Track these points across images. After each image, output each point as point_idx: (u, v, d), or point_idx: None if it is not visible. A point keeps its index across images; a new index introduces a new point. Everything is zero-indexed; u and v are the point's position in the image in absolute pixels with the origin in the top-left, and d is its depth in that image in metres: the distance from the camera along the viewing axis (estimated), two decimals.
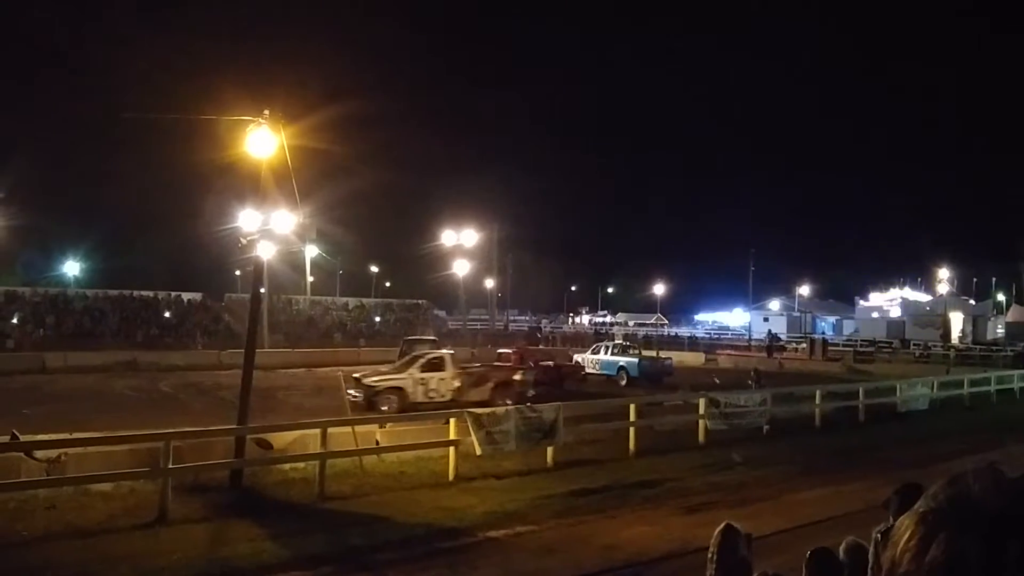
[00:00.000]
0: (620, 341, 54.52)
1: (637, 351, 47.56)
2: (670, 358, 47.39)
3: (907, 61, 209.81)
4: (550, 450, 19.61)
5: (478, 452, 18.43)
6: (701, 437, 23.12)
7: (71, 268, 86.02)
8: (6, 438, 15.97)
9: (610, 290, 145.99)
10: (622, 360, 44.01)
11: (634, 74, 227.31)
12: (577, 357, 46.69)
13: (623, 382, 42.20)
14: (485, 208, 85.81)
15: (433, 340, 45.99)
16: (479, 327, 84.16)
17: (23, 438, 16.03)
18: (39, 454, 15.39)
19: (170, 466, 14.69)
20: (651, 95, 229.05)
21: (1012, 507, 0.98)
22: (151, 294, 65.76)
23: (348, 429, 18.62)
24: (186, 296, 68.26)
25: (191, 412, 26.76)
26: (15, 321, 55.29)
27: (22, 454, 15.32)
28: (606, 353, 45.62)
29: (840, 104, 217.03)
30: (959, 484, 1.04)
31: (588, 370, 43.89)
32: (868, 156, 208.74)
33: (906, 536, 1.02)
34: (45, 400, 29.17)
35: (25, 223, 61.45)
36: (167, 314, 63.56)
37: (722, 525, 7.55)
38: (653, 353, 50.93)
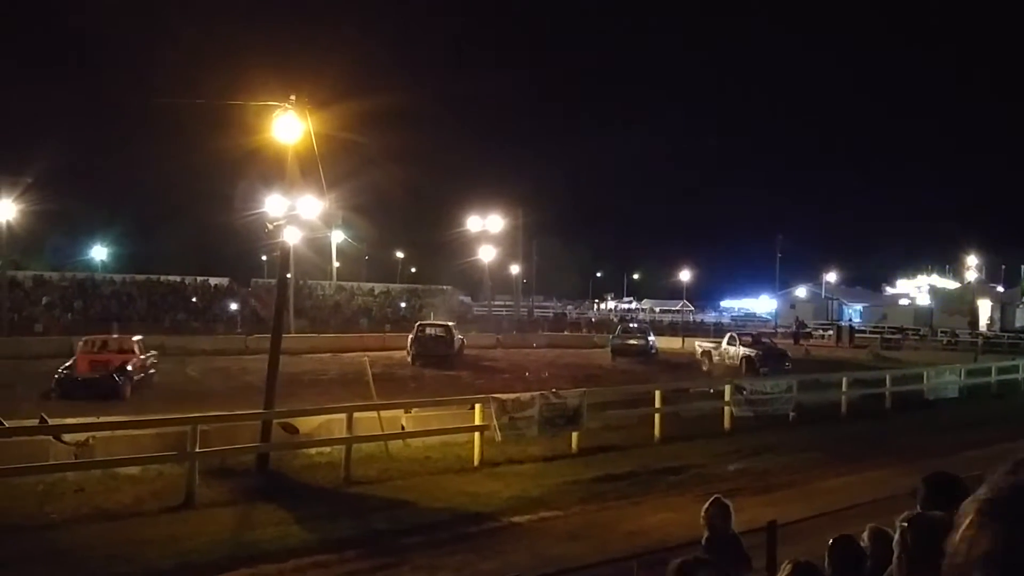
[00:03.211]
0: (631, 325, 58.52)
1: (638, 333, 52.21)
2: (644, 339, 50.44)
3: (941, 43, 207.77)
4: (575, 436, 19.62)
5: (498, 439, 18.44)
6: (727, 424, 23.08)
7: (98, 253, 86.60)
8: (35, 422, 16.16)
9: (636, 276, 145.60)
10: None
11: (661, 59, 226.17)
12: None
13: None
14: (511, 194, 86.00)
15: (447, 325, 46.18)
16: (504, 313, 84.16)
17: (51, 422, 16.20)
18: (67, 437, 15.55)
19: (197, 450, 14.81)
20: (678, 81, 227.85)
21: None
22: (178, 279, 66.25)
23: (374, 414, 18.70)
24: (213, 281, 68.66)
25: (218, 396, 26.90)
26: (43, 305, 55.76)
27: (51, 437, 15.48)
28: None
29: (871, 88, 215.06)
30: (1020, 472, 1.02)
31: None
32: (896, 141, 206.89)
33: (965, 523, 1.00)
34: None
35: (53, 208, 61.75)
36: (194, 299, 63.96)
37: (712, 498, 7.66)
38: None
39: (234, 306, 63.11)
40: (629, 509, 14.86)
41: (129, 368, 28.22)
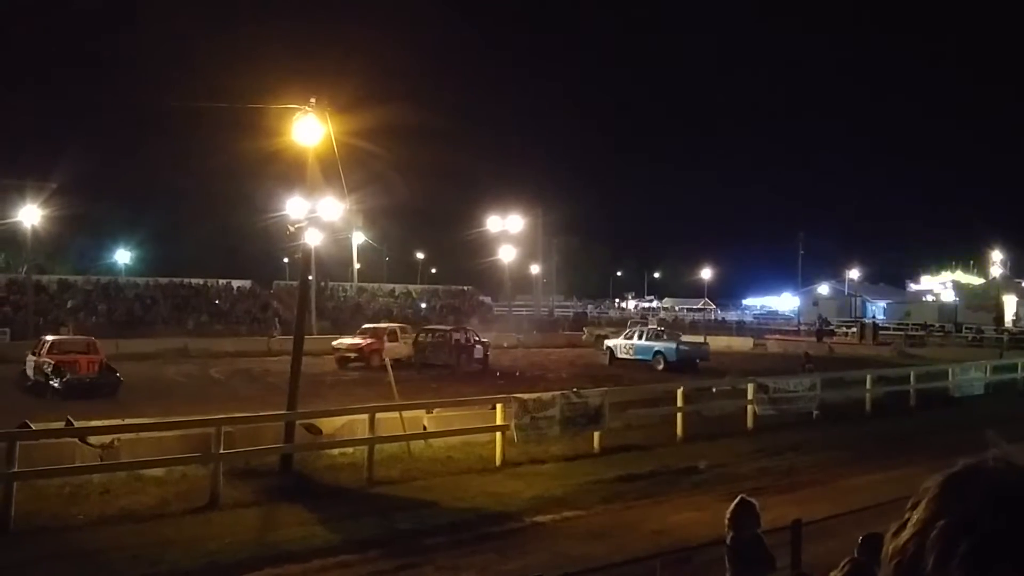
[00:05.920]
0: (653, 326, 53.68)
1: (676, 336, 46.99)
2: (706, 343, 47.50)
3: (961, 39, 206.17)
4: (597, 435, 19.60)
5: (516, 440, 18.40)
6: (750, 422, 23.01)
7: (122, 256, 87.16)
8: (61, 424, 16.26)
9: (656, 275, 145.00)
10: (658, 345, 43.15)
11: (679, 56, 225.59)
12: (609, 342, 46.78)
13: (660, 367, 41.16)
14: (531, 193, 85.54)
15: (444, 329, 45.55)
16: (524, 313, 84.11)
17: (77, 424, 16.31)
18: (93, 440, 15.63)
19: (221, 451, 14.88)
20: (696, 77, 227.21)
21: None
22: (201, 281, 66.47)
23: (396, 414, 18.74)
24: (235, 283, 68.92)
25: (241, 398, 27.02)
26: (68, 309, 56.13)
27: (77, 440, 15.58)
28: (640, 338, 44.80)
29: (892, 85, 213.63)
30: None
31: (621, 355, 43.86)
32: (919, 137, 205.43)
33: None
34: None
35: (77, 212, 62.20)
36: (217, 301, 64.27)
37: (738, 499, 7.59)
38: (700, 338, 51.18)
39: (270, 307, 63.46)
40: (652, 508, 14.82)
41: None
